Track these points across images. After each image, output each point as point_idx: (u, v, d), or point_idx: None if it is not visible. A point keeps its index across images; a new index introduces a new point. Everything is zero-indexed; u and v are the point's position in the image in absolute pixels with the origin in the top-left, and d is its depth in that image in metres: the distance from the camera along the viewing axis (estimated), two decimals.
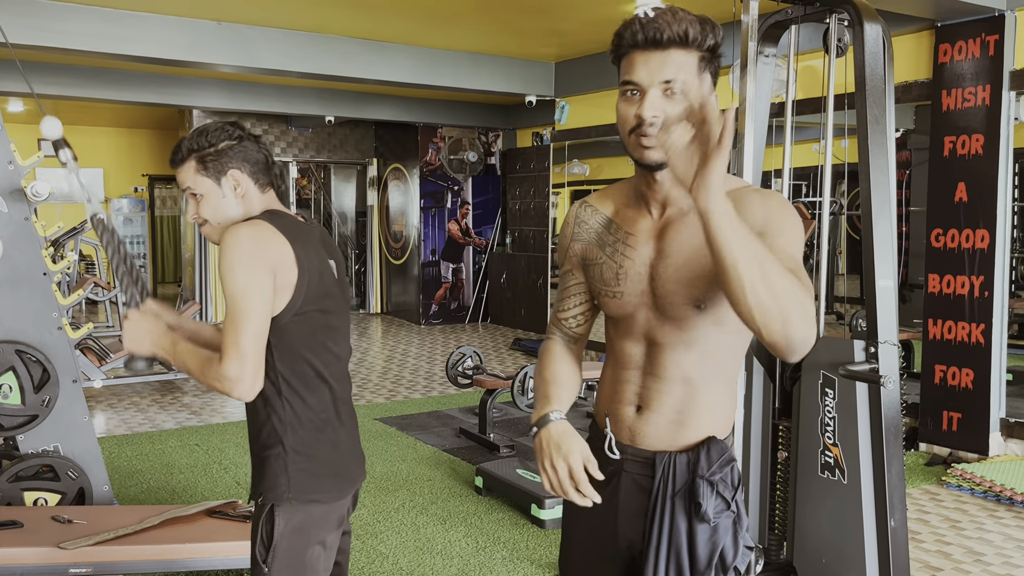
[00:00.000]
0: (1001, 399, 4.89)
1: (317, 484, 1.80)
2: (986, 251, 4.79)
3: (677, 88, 1.36)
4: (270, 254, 1.70)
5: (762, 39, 3.03)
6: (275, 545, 1.78)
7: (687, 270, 1.43)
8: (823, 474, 2.88)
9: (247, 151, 1.83)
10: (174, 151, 1.84)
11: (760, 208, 1.39)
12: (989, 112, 4.77)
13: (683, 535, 1.47)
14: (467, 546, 3.73)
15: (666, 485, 1.48)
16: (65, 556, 2.87)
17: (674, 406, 1.48)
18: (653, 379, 1.50)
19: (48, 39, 5.85)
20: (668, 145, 1.26)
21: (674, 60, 1.36)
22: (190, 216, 1.86)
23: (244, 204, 1.83)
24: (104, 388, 6.89)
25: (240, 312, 1.67)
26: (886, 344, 2.76)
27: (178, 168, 1.84)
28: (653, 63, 1.36)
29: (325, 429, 1.83)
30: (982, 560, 3.60)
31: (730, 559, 1.47)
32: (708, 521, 1.46)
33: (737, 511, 1.48)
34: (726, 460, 1.47)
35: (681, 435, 1.49)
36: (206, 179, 1.81)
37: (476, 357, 5.92)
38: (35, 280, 3.59)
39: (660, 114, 1.36)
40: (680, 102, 1.36)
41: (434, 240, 10.73)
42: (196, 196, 1.83)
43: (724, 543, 1.47)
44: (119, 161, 13.51)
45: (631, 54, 1.39)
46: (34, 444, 3.58)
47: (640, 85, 1.38)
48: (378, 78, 7.27)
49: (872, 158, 2.78)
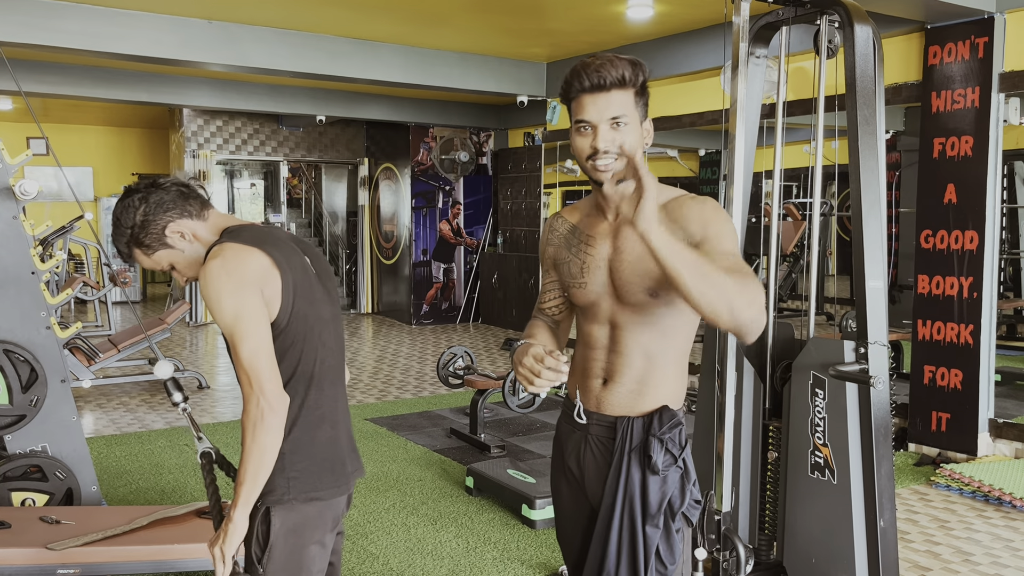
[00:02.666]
0: (990, 400, 4.92)
1: (316, 481, 1.80)
2: (975, 252, 4.81)
3: (622, 121, 1.67)
4: (247, 272, 1.70)
5: (753, 40, 3.04)
6: (271, 546, 1.77)
7: (640, 265, 1.71)
8: (813, 474, 2.89)
9: (161, 202, 1.78)
10: (121, 254, 1.85)
11: (698, 215, 1.68)
12: (978, 114, 4.79)
13: (637, 485, 1.75)
14: (458, 546, 3.73)
15: (624, 443, 1.77)
16: (53, 557, 2.85)
17: (635, 377, 1.77)
18: (616, 355, 1.78)
19: (38, 37, 5.82)
20: (620, 190, 1.70)
21: (616, 99, 1.66)
22: (182, 283, 1.92)
23: (201, 241, 1.81)
24: (93, 388, 6.86)
25: (241, 338, 1.67)
26: (876, 345, 2.77)
27: (135, 262, 1.86)
28: (600, 103, 1.66)
29: (321, 426, 1.83)
30: (971, 560, 3.62)
31: (677, 506, 1.76)
32: (658, 472, 1.74)
33: (684, 467, 1.77)
34: (675, 423, 1.75)
35: (640, 403, 1.77)
36: (159, 252, 1.81)
37: (467, 357, 5.91)
38: (23, 279, 3.57)
39: (611, 145, 1.67)
40: (624, 131, 1.67)
41: (425, 240, 10.72)
42: (155, 262, 1.83)
43: (672, 492, 1.75)
44: (109, 160, 13.45)
45: (580, 97, 1.68)
46: (22, 444, 3.56)
47: (591, 122, 1.67)
48: (369, 78, 7.26)
49: (862, 159, 2.79)
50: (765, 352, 3.07)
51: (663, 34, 6.78)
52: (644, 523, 1.73)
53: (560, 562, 3.53)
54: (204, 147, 10.62)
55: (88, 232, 12.43)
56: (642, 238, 1.50)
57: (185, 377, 7.07)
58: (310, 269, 1.85)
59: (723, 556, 2.71)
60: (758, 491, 3.08)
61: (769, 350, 3.07)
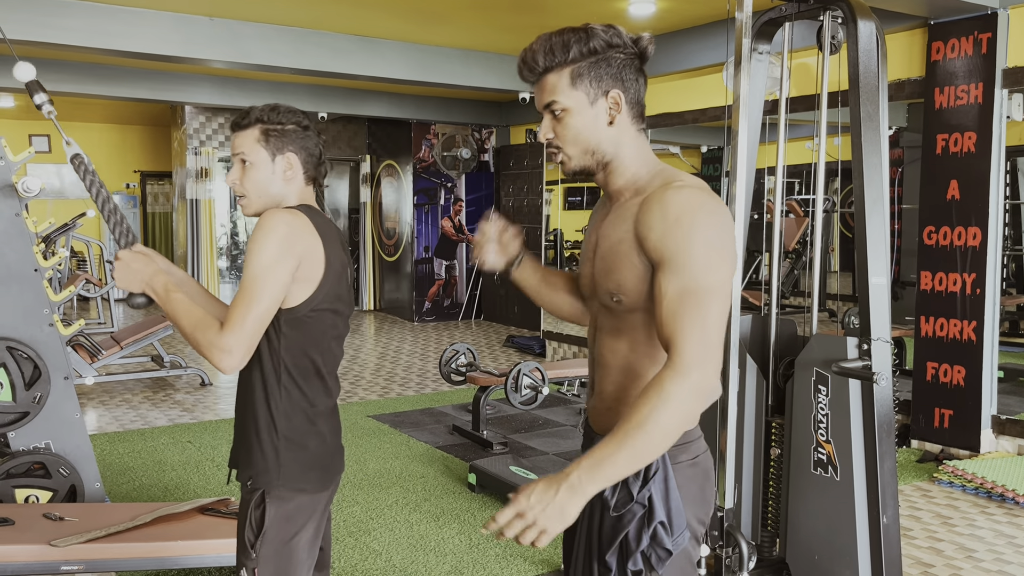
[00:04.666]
0: (992, 396, 4.91)
1: (305, 475, 1.83)
2: (978, 248, 4.81)
3: (556, 108, 1.48)
4: (300, 245, 1.75)
5: (756, 36, 3.03)
6: (264, 531, 1.80)
7: (606, 262, 1.51)
8: (816, 471, 2.89)
9: (308, 141, 1.88)
10: (241, 115, 1.86)
11: (658, 225, 1.41)
12: (981, 110, 4.78)
13: (596, 518, 1.53)
14: (460, 543, 3.73)
15: None
16: (56, 554, 2.86)
17: (610, 393, 1.56)
18: (597, 366, 1.59)
19: (40, 34, 5.81)
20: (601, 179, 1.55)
21: (547, 86, 1.50)
22: (230, 180, 1.87)
23: (287, 188, 1.87)
24: (96, 385, 6.87)
25: (256, 290, 1.70)
26: (879, 341, 2.76)
27: (239, 132, 1.86)
28: (537, 94, 1.52)
29: (317, 421, 1.86)
30: (973, 556, 3.62)
31: (632, 548, 1.48)
32: (609, 510, 1.49)
33: (649, 507, 1.47)
34: None
35: (612, 421, 1.49)
36: (263, 151, 1.85)
37: (469, 354, 5.91)
38: (26, 276, 3.58)
39: (551, 134, 1.50)
40: (565, 117, 1.48)
41: (427, 237, 10.72)
42: (245, 164, 1.85)
43: (628, 533, 1.48)
44: (111, 157, 13.45)
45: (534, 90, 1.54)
46: (25, 441, 3.57)
47: (541, 113, 1.53)
48: (371, 74, 7.25)
49: (865, 156, 2.78)
50: (768, 349, 3.07)
51: (665, 30, 6.76)
52: (597, 560, 1.52)
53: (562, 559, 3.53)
54: (206, 144, 10.62)
55: (91, 230, 12.45)
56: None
57: (188, 374, 7.08)
58: (346, 278, 1.90)
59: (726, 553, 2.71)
60: (761, 488, 3.08)
61: (772, 347, 3.07)
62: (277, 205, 1.85)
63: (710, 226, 1.39)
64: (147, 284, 1.80)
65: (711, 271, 1.37)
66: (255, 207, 1.87)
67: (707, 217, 1.39)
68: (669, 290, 1.38)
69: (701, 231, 1.38)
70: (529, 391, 5.29)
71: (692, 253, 1.37)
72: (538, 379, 5.30)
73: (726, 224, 1.42)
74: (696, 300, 1.36)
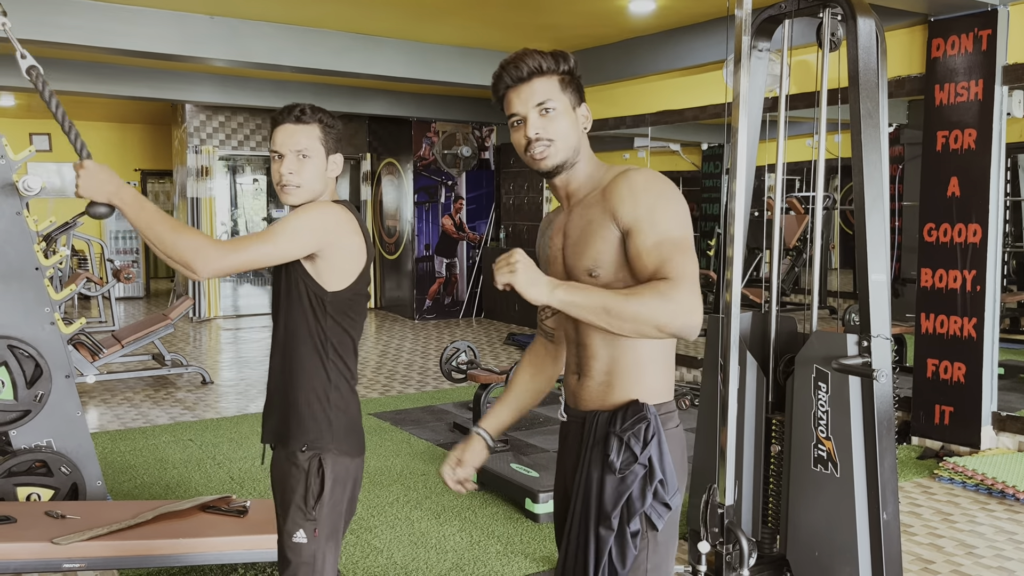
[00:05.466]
0: (993, 393, 4.91)
1: (349, 438, 2.02)
2: (978, 245, 4.81)
3: (548, 107, 1.67)
4: (334, 236, 1.94)
5: (756, 34, 3.04)
6: (325, 493, 1.97)
7: (580, 244, 1.68)
8: (816, 468, 2.90)
9: (342, 145, 2.09)
10: (297, 110, 1.98)
11: (627, 196, 1.61)
12: (981, 107, 4.78)
13: (595, 483, 1.67)
14: (461, 540, 3.74)
15: (588, 439, 1.71)
16: (58, 551, 2.86)
17: (602, 370, 1.71)
18: (583, 349, 1.74)
19: (40, 33, 5.82)
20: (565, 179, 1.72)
21: (538, 87, 1.67)
22: (285, 169, 1.97)
23: (329, 184, 2.05)
24: (97, 383, 6.88)
25: (274, 235, 1.87)
26: (879, 338, 2.77)
27: (300, 125, 1.98)
28: (524, 94, 1.68)
29: (355, 391, 2.08)
30: (974, 553, 3.62)
31: (636, 507, 1.63)
32: (615, 472, 1.64)
33: (649, 466, 1.64)
34: (638, 419, 1.65)
35: (609, 397, 1.70)
36: (322, 148, 2.00)
37: (470, 352, 5.92)
38: (27, 275, 3.58)
39: (542, 130, 1.67)
40: (553, 117, 1.66)
41: (428, 235, 10.72)
42: (304, 157, 1.97)
43: (632, 492, 1.64)
44: (111, 156, 13.45)
45: (507, 94, 1.70)
46: (27, 439, 3.58)
47: (520, 114, 1.68)
48: (371, 72, 7.25)
49: (865, 153, 2.78)
50: (768, 346, 3.07)
51: (665, 28, 6.76)
52: (598, 523, 1.65)
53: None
54: (207, 143, 10.63)
55: (91, 228, 12.46)
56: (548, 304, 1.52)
57: (189, 372, 7.09)
58: (372, 257, 2.08)
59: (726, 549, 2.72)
60: (761, 485, 3.08)
61: (772, 344, 3.07)
62: (317, 198, 2.02)
63: (672, 194, 1.62)
64: (114, 194, 1.81)
65: (682, 227, 1.59)
66: (302, 198, 2.00)
67: (667, 186, 1.63)
68: (647, 243, 1.58)
69: (665, 196, 1.61)
70: None
71: (663, 212, 1.59)
72: None
73: (681, 197, 1.65)
74: (674, 246, 1.56)
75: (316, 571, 1.97)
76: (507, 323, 10.35)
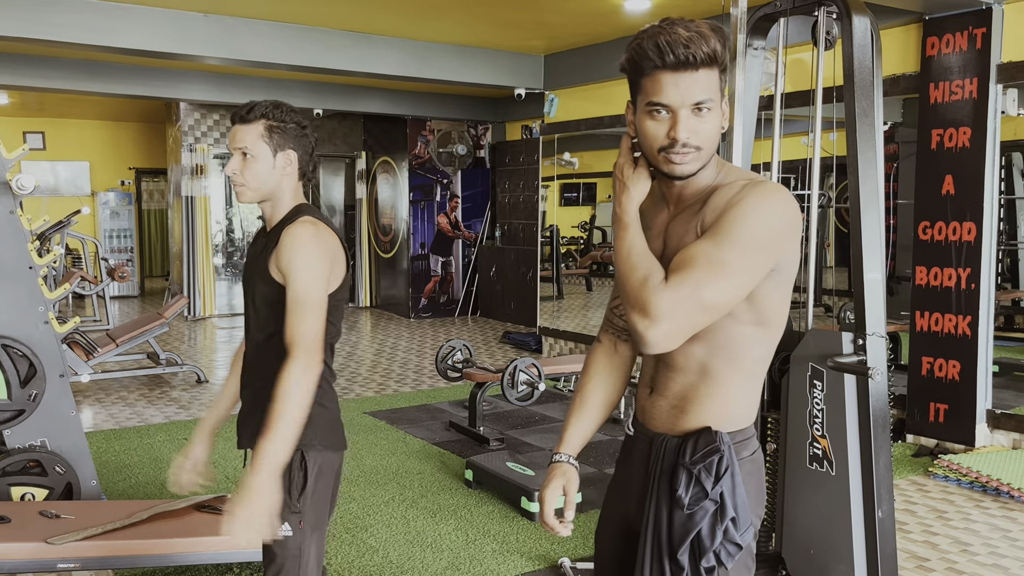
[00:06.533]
0: (987, 390, 4.93)
1: (330, 434, 2.04)
2: (973, 243, 4.82)
3: (706, 106, 1.41)
4: (330, 252, 1.96)
5: (751, 32, 3.04)
6: (308, 487, 1.98)
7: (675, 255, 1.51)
8: (811, 466, 2.90)
9: (305, 140, 2.03)
10: (245, 108, 1.96)
11: (726, 200, 1.44)
12: (976, 105, 4.79)
13: (664, 514, 1.53)
14: (457, 539, 3.73)
15: (656, 466, 1.56)
16: (53, 551, 2.85)
17: (677, 392, 1.55)
18: (663, 365, 1.57)
19: (33, 31, 5.80)
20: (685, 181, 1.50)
21: (703, 81, 1.40)
22: (229, 170, 1.98)
23: (283, 182, 2.01)
24: (92, 382, 6.86)
25: (310, 304, 1.89)
26: (874, 336, 2.77)
27: (243, 125, 1.96)
28: (684, 85, 1.40)
29: (332, 390, 2.10)
30: (968, 550, 3.63)
31: (707, 546, 1.49)
32: (682, 508, 1.50)
33: (720, 502, 1.49)
34: (711, 451, 1.49)
35: (680, 421, 1.55)
36: (265, 146, 1.97)
37: (466, 350, 5.91)
38: (21, 274, 3.57)
39: (692, 134, 1.41)
40: (707, 118, 1.42)
41: (423, 233, 10.71)
42: (246, 156, 1.96)
43: (701, 530, 1.49)
44: (105, 154, 13.42)
45: (656, 74, 1.41)
46: (21, 439, 3.56)
47: (671, 107, 1.41)
48: (366, 71, 7.24)
49: (860, 151, 2.79)
50: None
51: None
52: (669, 559, 1.52)
53: (559, 554, 3.54)
54: (201, 141, 10.60)
55: (85, 227, 12.42)
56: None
57: (184, 371, 7.07)
58: (350, 262, 2.10)
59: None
60: None
61: None
62: (272, 197, 2.02)
63: (752, 216, 1.44)
64: (269, 500, 1.81)
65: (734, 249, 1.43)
66: (251, 197, 2.00)
67: (756, 207, 1.44)
68: (690, 249, 1.45)
69: (742, 216, 1.43)
70: (525, 387, 5.29)
71: (727, 230, 1.42)
72: (534, 375, 5.31)
73: (767, 219, 1.46)
74: (705, 262, 1.42)
75: (302, 564, 1.98)
76: (503, 321, 10.35)
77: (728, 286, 1.39)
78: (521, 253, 10.02)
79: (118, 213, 12.98)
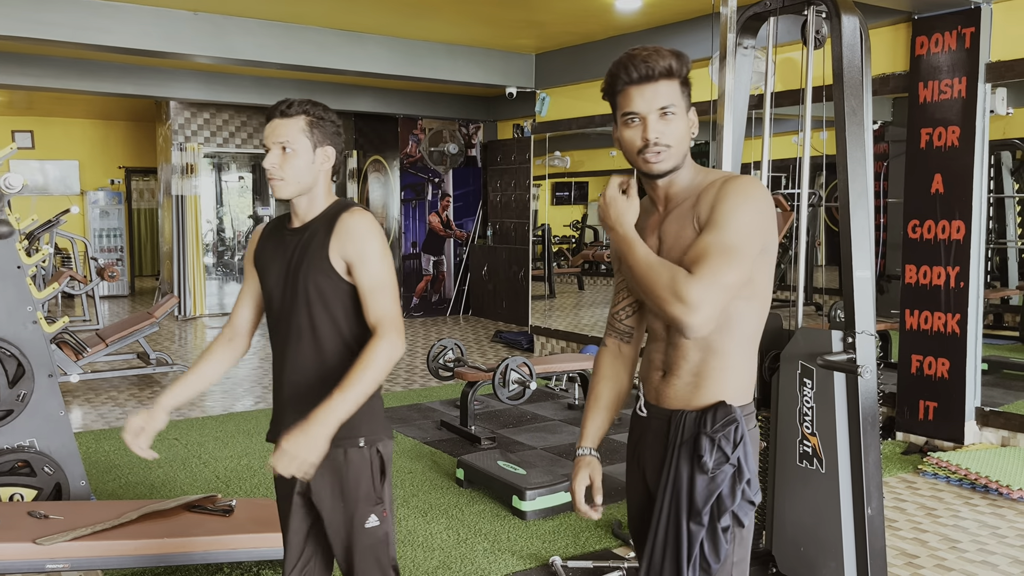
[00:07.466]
0: (976, 388, 4.95)
1: (386, 423, 2.11)
2: (962, 242, 4.84)
3: (671, 110, 1.67)
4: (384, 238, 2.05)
5: (741, 31, 3.04)
6: (387, 476, 2.07)
7: (676, 249, 1.70)
8: (801, 463, 2.91)
9: (338, 139, 2.07)
10: (285, 104, 1.99)
11: (713, 197, 1.67)
12: (965, 104, 4.81)
13: (684, 480, 1.71)
14: (448, 538, 3.73)
15: (676, 437, 1.74)
16: (42, 552, 2.84)
17: (691, 370, 1.74)
18: (673, 348, 1.76)
19: (22, 29, 5.76)
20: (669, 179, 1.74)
21: (664, 90, 1.67)
22: (268, 163, 1.98)
23: (319, 179, 2.03)
24: (81, 382, 6.83)
25: (390, 285, 1.99)
26: (863, 334, 2.78)
27: (283, 119, 1.98)
28: (648, 94, 1.67)
29: None
30: (957, 547, 3.65)
31: (727, 505, 1.69)
32: (707, 472, 1.69)
33: (738, 466, 1.70)
34: (729, 420, 1.69)
35: (696, 396, 1.73)
36: (307, 140, 1.99)
37: (457, 349, 5.91)
38: (9, 273, 3.55)
39: (661, 135, 1.67)
40: (672, 121, 1.68)
41: (415, 232, 10.70)
42: (286, 151, 1.98)
43: (722, 491, 1.69)
44: (94, 153, 13.35)
45: (626, 89, 1.68)
46: (9, 439, 3.54)
47: (640, 114, 1.67)
48: (357, 69, 7.23)
49: (850, 150, 2.80)
50: None
51: (651, 25, 6.77)
52: (689, 519, 1.70)
53: (550, 553, 3.54)
54: (191, 140, 10.56)
55: (75, 226, 12.36)
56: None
57: (174, 371, 7.05)
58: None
59: None
60: None
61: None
62: (308, 192, 2.03)
63: (749, 205, 1.67)
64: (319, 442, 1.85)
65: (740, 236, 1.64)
66: (290, 192, 2.01)
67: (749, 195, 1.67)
68: (702, 240, 1.64)
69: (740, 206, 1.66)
70: (517, 386, 5.29)
71: (730, 216, 1.64)
72: (526, 374, 5.31)
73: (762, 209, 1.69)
74: (720, 248, 1.62)
75: (389, 544, 2.09)
76: (494, 321, 10.35)
77: (740, 267, 1.61)
78: (513, 252, 10.02)
79: (108, 212, 12.92)
